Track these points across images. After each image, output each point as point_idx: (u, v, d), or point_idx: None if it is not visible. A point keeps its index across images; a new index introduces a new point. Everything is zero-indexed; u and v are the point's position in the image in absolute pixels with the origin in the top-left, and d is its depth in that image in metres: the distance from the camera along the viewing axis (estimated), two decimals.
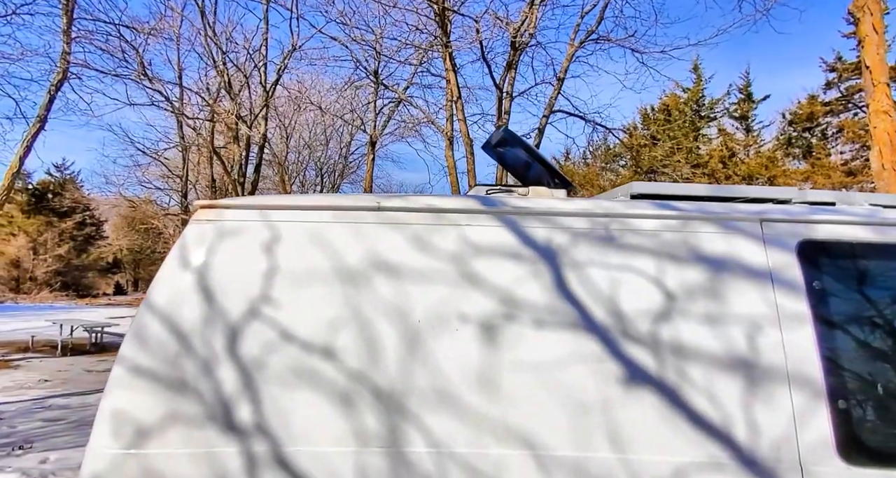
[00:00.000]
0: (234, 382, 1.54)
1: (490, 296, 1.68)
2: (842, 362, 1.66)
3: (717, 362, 1.66)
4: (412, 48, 12.04)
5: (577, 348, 1.66)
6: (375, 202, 1.73)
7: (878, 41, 5.41)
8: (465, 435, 1.55)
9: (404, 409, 1.55)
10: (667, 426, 1.60)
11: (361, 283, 1.64)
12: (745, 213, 1.84)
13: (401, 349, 1.59)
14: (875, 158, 5.46)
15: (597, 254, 1.76)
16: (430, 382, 1.57)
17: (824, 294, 1.72)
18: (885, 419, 1.64)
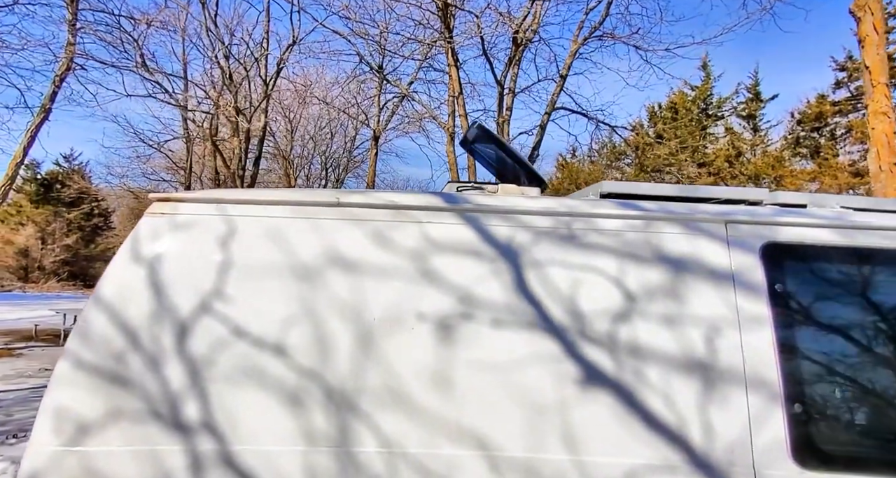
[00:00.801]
0: (180, 379, 1.54)
1: (448, 294, 1.68)
2: (800, 365, 1.64)
3: (675, 363, 1.65)
4: (416, 43, 12.01)
5: (535, 348, 1.65)
6: (335, 198, 1.73)
7: (879, 41, 5.33)
8: (418, 435, 1.55)
9: (356, 408, 1.55)
10: (622, 428, 1.60)
11: (317, 279, 1.64)
12: (709, 214, 1.82)
13: (354, 347, 1.59)
14: (873, 159, 5.39)
15: (559, 253, 1.76)
16: (384, 380, 1.57)
17: (785, 297, 1.70)
18: (841, 424, 1.62)
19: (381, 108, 15.81)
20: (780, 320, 1.67)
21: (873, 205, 1.97)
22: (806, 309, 1.72)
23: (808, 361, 1.66)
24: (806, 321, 1.70)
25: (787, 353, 1.64)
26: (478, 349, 1.63)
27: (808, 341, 1.68)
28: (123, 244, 1.64)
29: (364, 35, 11.86)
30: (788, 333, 1.66)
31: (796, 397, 1.60)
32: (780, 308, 1.68)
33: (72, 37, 9.79)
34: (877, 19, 5.34)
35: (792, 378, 1.62)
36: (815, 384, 1.64)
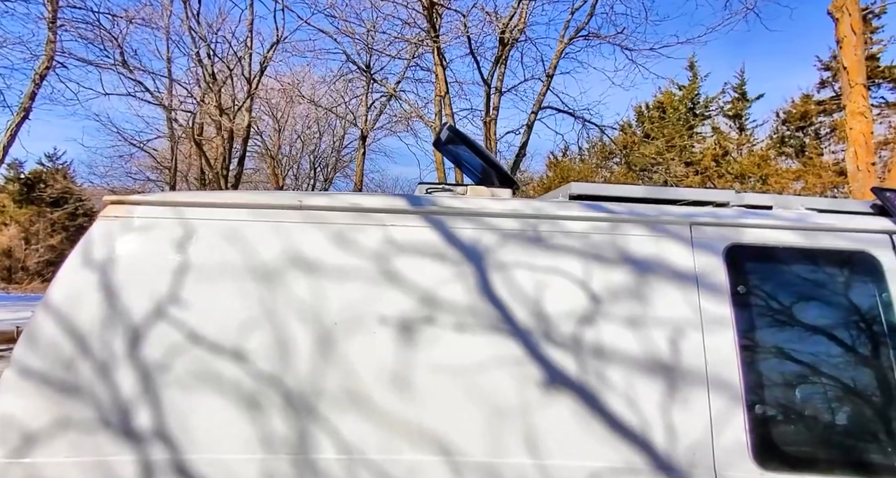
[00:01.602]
0: (132, 386, 1.51)
1: (411, 297, 1.66)
2: (760, 367, 1.65)
3: (639, 365, 1.65)
4: (403, 42, 11.98)
5: (498, 351, 1.64)
6: (297, 200, 1.71)
7: (857, 42, 5.39)
8: (378, 440, 1.53)
9: (315, 413, 1.53)
10: (584, 430, 1.59)
11: (277, 283, 1.62)
12: (675, 216, 1.83)
13: (314, 351, 1.57)
14: (851, 159, 5.46)
15: (525, 255, 1.75)
16: (344, 384, 1.56)
17: (748, 299, 1.71)
18: (801, 425, 1.63)
19: (369, 107, 15.76)
20: (742, 322, 1.68)
21: (836, 206, 1.99)
22: (767, 311, 1.73)
23: (769, 362, 1.67)
24: (767, 323, 1.71)
25: (749, 354, 1.65)
26: (440, 352, 1.62)
27: (769, 343, 1.69)
28: (75, 248, 1.60)
29: (350, 33, 11.80)
30: (750, 335, 1.67)
31: (757, 399, 1.61)
32: (743, 310, 1.69)
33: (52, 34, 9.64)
34: (854, 20, 5.40)
35: (753, 380, 1.62)
36: (776, 386, 1.65)
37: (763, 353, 1.67)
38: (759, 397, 1.61)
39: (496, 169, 2.35)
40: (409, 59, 13.12)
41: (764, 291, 1.75)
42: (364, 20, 11.79)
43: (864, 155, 5.42)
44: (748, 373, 1.62)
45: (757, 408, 1.60)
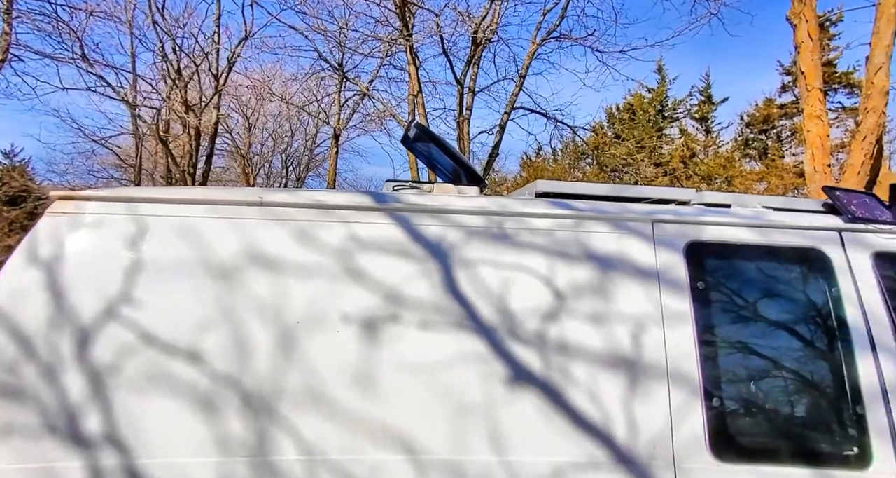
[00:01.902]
0: (81, 389, 1.45)
1: (375, 294, 1.64)
2: (718, 360, 1.69)
3: (602, 360, 1.67)
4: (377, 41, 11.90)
5: (463, 348, 1.64)
6: (258, 197, 1.67)
7: (813, 48, 5.60)
8: (340, 440, 1.51)
9: (275, 413, 1.50)
10: (548, 426, 1.60)
11: (236, 281, 1.58)
12: (637, 213, 1.86)
13: (274, 350, 1.54)
14: (808, 160, 5.67)
15: (490, 252, 1.75)
16: (305, 383, 1.53)
17: (706, 294, 1.75)
18: (755, 416, 1.68)
19: (342, 106, 15.59)
20: (701, 317, 1.71)
21: (791, 205, 2.05)
22: (725, 306, 1.77)
23: (726, 356, 1.72)
24: (724, 318, 1.76)
25: (707, 349, 1.68)
26: (404, 350, 1.61)
27: (726, 337, 1.73)
28: (19, 246, 1.53)
29: (322, 31, 11.65)
30: (708, 330, 1.71)
31: (714, 392, 1.64)
32: (702, 305, 1.73)
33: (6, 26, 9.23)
34: (811, 27, 5.61)
35: (711, 373, 1.66)
36: (732, 379, 1.69)
37: (720, 347, 1.72)
38: (716, 391, 1.65)
39: (464, 167, 2.34)
40: (382, 58, 13.04)
41: (722, 287, 1.79)
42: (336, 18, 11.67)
43: (820, 157, 5.63)
44: (706, 367, 1.66)
45: (714, 401, 1.63)
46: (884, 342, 1.66)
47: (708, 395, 1.64)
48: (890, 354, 1.65)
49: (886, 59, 5.11)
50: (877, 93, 5.18)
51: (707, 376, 1.65)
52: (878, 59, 5.15)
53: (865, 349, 1.66)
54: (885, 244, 1.80)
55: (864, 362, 1.65)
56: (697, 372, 1.66)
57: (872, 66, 5.21)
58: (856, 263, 1.77)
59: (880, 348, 1.66)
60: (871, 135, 5.20)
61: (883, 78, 5.14)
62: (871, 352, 1.66)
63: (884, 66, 5.12)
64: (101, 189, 1.66)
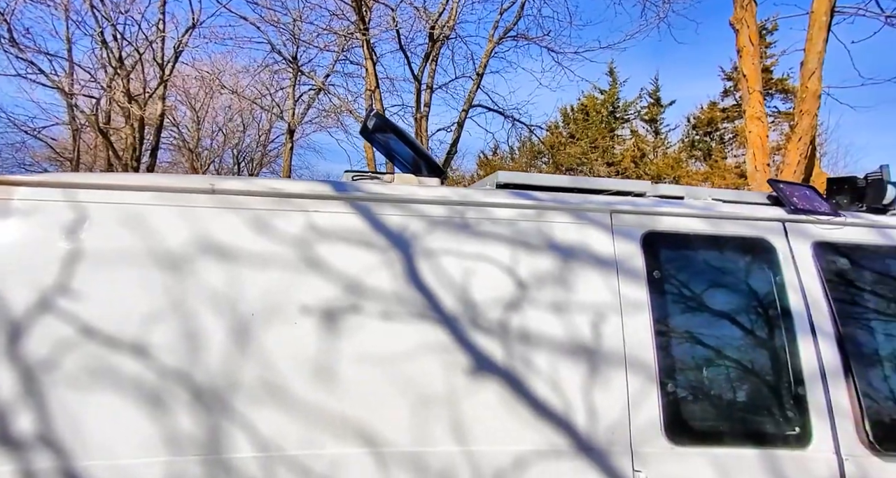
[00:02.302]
0: (11, 387, 1.33)
1: (335, 285, 1.59)
2: (673, 347, 1.74)
3: (563, 349, 1.69)
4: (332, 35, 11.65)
5: (425, 339, 1.62)
6: (209, 184, 1.58)
7: (754, 52, 5.90)
8: (299, 435, 1.45)
9: (229, 408, 1.42)
10: (511, 415, 1.60)
11: (187, 271, 1.49)
12: (596, 204, 1.89)
13: (228, 342, 1.46)
14: (749, 160, 5.97)
15: (452, 242, 1.73)
16: (262, 377, 1.46)
17: (662, 283, 1.80)
18: (707, 401, 1.74)
19: (297, 100, 15.20)
20: (657, 305, 1.76)
21: (739, 197, 2.14)
22: (679, 294, 1.83)
23: (680, 343, 1.77)
24: (678, 306, 1.81)
25: (662, 336, 1.73)
26: (365, 341, 1.57)
27: (680, 324, 1.78)
28: None
29: (274, 23, 11.30)
30: (664, 317, 1.76)
31: (669, 377, 1.69)
32: (657, 293, 1.77)
33: None
34: (752, 32, 5.91)
35: (666, 360, 1.71)
36: (686, 365, 1.75)
37: (674, 334, 1.77)
38: (670, 377, 1.70)
39: (424, 158, 2.31)
40: (338, 52, 12.80)
41: (676, 276, 1.85)
42: (290, 10, 11.35)
43: (760, 156, 5.95)
44: (661, 354, 1.71)
45: (669, 387, 1.68)
46: (823, 328, 1.76)
47: (663, 381, 1.68)
48: (828, 339, 1.75)
49: (818, 64, 5.45)
50: (810, 96, 5.51)
51: (662, 363, 1.70)
52: (811, 65, 5.49)
53: (806, 335, 1.76)
54: (824, 234, 1.91)
55: (805, 346, 1.74)
56: (653, 359, 1.70)
57: (806, 70, 5.55)
58: (797, 252, 1.87)
59: (819, 334, 1.75)
60: (805, 136, 5.53)
61: (815, 82, 5.48)
62: (811, 337, 1.75)
63: (816, 71, 5.46)
64: (35, 174, 1.54)
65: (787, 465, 1.63)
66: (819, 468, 1.63)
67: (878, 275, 1.87)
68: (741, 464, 1.64)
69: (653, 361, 1.70)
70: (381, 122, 2.34)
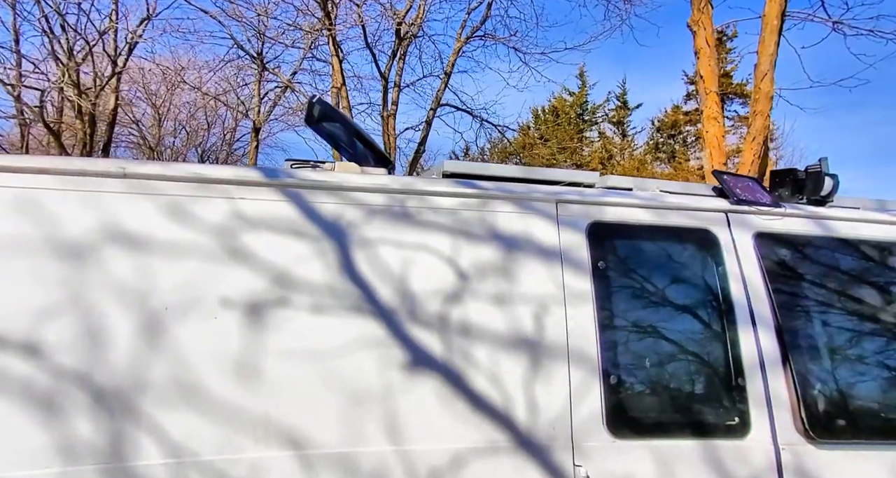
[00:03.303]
0: None
1: (262, 276, 1.50)
2: (616, 339, 1.72)
3: (504, 342, 1.64)
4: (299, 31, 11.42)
5: (359, 333, 1.54)
6: (120, 168, 1.47)
7: (710, 53, 6.03)
8: (216, 438, 1.35)
9: (135, 412, 1.31)
10: (448, 412, 1.54)
11: (89, 261, 1.37)
12: (542, 193, 1.85)
13: (137, 339, 1.35)
14: (707, 160, 6.10)
15: (391, 231, 1.66)
16: (175, 376, 1.36)
17: (607, 274, 1.77)
18: (649, 393, 1.72)
19: (262, 98, 14.85)
20: (601, 296, 1.73)
21: (686, 189, 2.14)
22: (623, 285, 1.80)
23: (623, 334, 1.74)
24: (622, 297, 1.79)
25: (606, 327, 1.70)
26: (293, 336, 1.48)
27: (623, 316, 1.76)
28: None
29: (237, 17, 11.01)
30: (607, 309, 1.73)
31: (612, 370, 1.66)
32: (601, 284, 1.74)
33: None
34: (708, 34, 6.04)
35: (609, 352, 1.68)
36: (629, 357, 1.72)
37: (618, 325, 1.74)
38: (613, 369, 1.67)
39: (370, 147, 2.24)
40: (305, 49, 12.56)
41: (620, 266, 1.82)
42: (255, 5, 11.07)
43: (717, 156, 6.08)
44: (605, 345, 1.68)
45: (611, 379, 1.65)
46: (763, 317, 1.76)
47: (606, 373, 1.65)
48: (767, 329, 1.75)
49: (771, 66, 5.61)
50: (763, 97, 5.68)
51: (605, 355, 1.67)
52: (764, 67, 5.65)
53: (746, 325, 1.75)
54: (765, 225, 1.92)
55: (746, 336, 1.74)
56: (596, 351, 1.66)
57: (759, 72, 5.71)
58: (739, 243, 1.87)
59: (759, 323, 1.75)
60: (759, 136, 5.68)
61: (768, 84, 5.64)
62: (751, 327, 1.75)
63: (769, 73, 5.62)
64: None
65: (726, 455, 1.62)
66: (757, 458, 1.63)
67: (816, 265, 1.89)
68: (682, 456, 1.62)
69: (596, 353, 1.67)
70: (326, 109, 2.25)
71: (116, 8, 8.51)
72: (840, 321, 1.82)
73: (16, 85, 7.83)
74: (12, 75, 9.29)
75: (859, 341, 1.80)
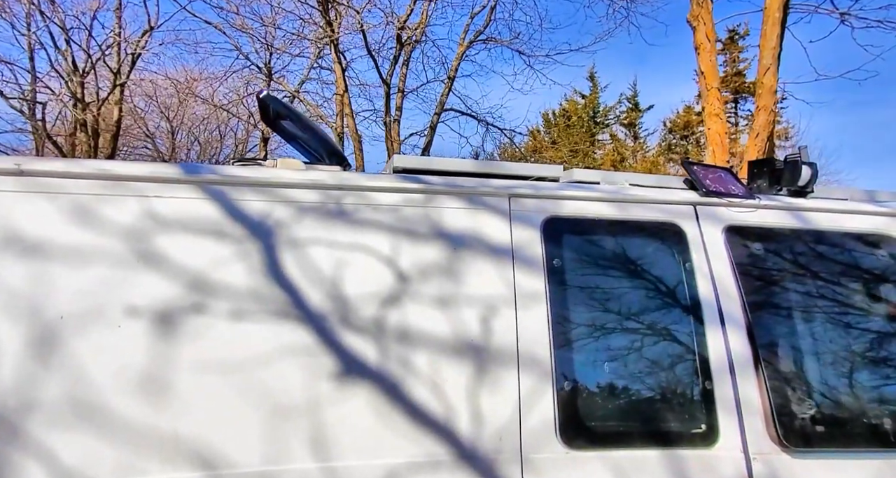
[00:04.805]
0: None
1: (174, 281, 1.40)
2: (572, 342, 1.58)
3: (447, 347, 1.51)
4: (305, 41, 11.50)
5: (284, 341, 1.43)
6: (14, 165, 1.38)
7: (711, 49, 5.85)
8: (115, 461, 1.25)
9: (20, 434, 1.21)
10: (383, 425, 1.42)
11: None
12: (493, 188, 1.72)
13: (24, 353, 1.25)
14: (709, 157, 5.89)
15: (323, 231, 1.56)
16: (69, 393, 1.26)
17: (562, 272, 1.64)
18: (607, 399, 1.58)
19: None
20: (556, 297, 1.59)
21: (656, 182, 2.00)
22: (580, 284, 1.67)
23: (581, 337, 1.60)
24: (580, 297, 1.65)
25: (561, 330, 1.57)
26: (209, 346, 1.38)
27: (580, 317, 1.62)
28: None
29: (242, 28, 11.12)
30: (563, 310, 1.59)
31: (567, 376, 1.53)
32: (556, 284, 1.61)
33: None
34: (708, 29, 5.86)
35: (564, 356, 1.54)
36: (586, 361, 1.58)
37: (574, 327, 1.60)
38: (568, 375, 1.53)
39: (323, 143, 2.14)
40: (312, 59, 12.64)
41: (578, 264, 1.69)
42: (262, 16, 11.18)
43: (720, 153, 5.87)
44: (559, 349, 1.54)
45: (566, 385, 1.51)
46: (732, 317, 1.61)
47: (560, 379, 1.51)
48: (737, 329, 1.59)
49: (773, 60, 5.41)
50: (766, 92, 5.46)
51: (559, 359, 1.53)
52: (766, 61, 5.44)
53: (715, 324, 1.60)
54: (737, 218, 1.76)
55: (714, 337, 1.59)
56: (549, 355, 1.53)
57: (762, 66, 5.50)
58: (708, 237, 1.72)
59: (728, 323, 1.60)
60: (763, 131, 5.47)
61: (771, 78, 5.43)
62: (719, 327, 1.60)
63: (771, 67, 5.42)
64: None
65: (692, 466, 1.47)
66: (725, 468, 1.47)
67: (793, 261, 1.73)
68: (643, 467, 1.47)
69: (549, 357, 1.53)
70: (276, 105, 2.17)
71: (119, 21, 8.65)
72: (817, 321, 1.66)
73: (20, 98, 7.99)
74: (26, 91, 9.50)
75: (838, 342, 1.63)
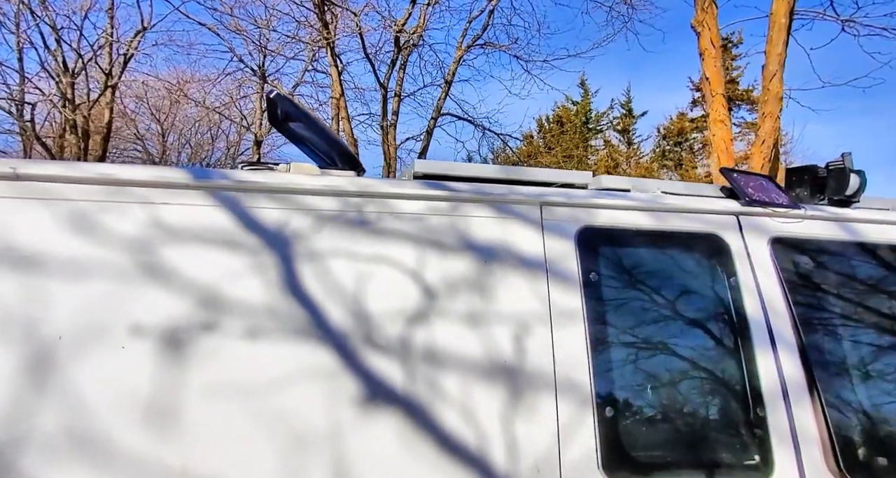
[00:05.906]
0: None
1: (184, 298, 1.27)
2: (612, 364, 1.46)
3: (478, 370, 1.39)
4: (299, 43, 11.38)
5: (302, 362, 1.30)
6: (10, 169, 1.25)
7: (716, 54, 5.80)
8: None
9: (11, 469, 1.07)
10: (410, 454, 1.29)
11: None
12: (523, 195, 1.61)
13: (18, 379, 1.12)
14: (714, 163, 5.83)
15: (344, 241, 1.43)
16: (67, 423, 1.12)
17: (600, 287, 1.52)
18: (652, 426, 1.46)
19: (264, 111, 14.83)
20: (593, 315, 1.48)
21: (691, 190, 1.89)
22: (619, 300, 1.55)
23: (622, 358, 1.49)
24: (619, 314, 1.53)
25: (600, 350, 1.45)
26: (221, 369, 1.25)
27: (621, 336, 1.50)
28: None
29: (237, 30, 10.96)
30: (601, 328, 1.48)
31: (608, 401, 1.41)
32: (593, 300, 1.50)
33: None
34: (713, 34, 5.82)
35: (604, 379, 1.42)
36: (628, 384, 1.47)
37: (614, 348, 1.49)
38: (609, 399, 1.41)
39: (336, 147, 2.01)
40: (307, 62, 12.51)
41: (616, 279, 1.58)
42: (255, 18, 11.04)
43: (725, 159, 5.82)
44: (599, 372, 1.42)
45: (607, 411, 1.40)
46: (783, 336, 1.50)
47: (600, 405, 1.39)
48: (789, 349, 1.49)
49: (779, 66, 5.37)
50: (772, 98, 5.42)
51: (599, 383, 1.41)
52: (773, 67, 5.40)
53: (765, 345, 1.49)
54: (782, 229, 1.66)
55: (764, 358, 1.48)
56: (589, 378, 1.41)
57: (767, 73, 5.46)
58: (753, 249, 1.62)
59: (779, 343, 1.49)
60: (769, 138, 5.42)
61: (777, 84, 5.39)
62: (770, 347, 1.49)
63: (777, 73, 5.38)
64: None
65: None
66: None
67: (844, 275, 1.63)
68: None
69: (588, 380, 1.41)
70: (288, 106, 2.04)
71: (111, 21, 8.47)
72: (875, 340, 1.56)
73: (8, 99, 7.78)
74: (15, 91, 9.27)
75: None
